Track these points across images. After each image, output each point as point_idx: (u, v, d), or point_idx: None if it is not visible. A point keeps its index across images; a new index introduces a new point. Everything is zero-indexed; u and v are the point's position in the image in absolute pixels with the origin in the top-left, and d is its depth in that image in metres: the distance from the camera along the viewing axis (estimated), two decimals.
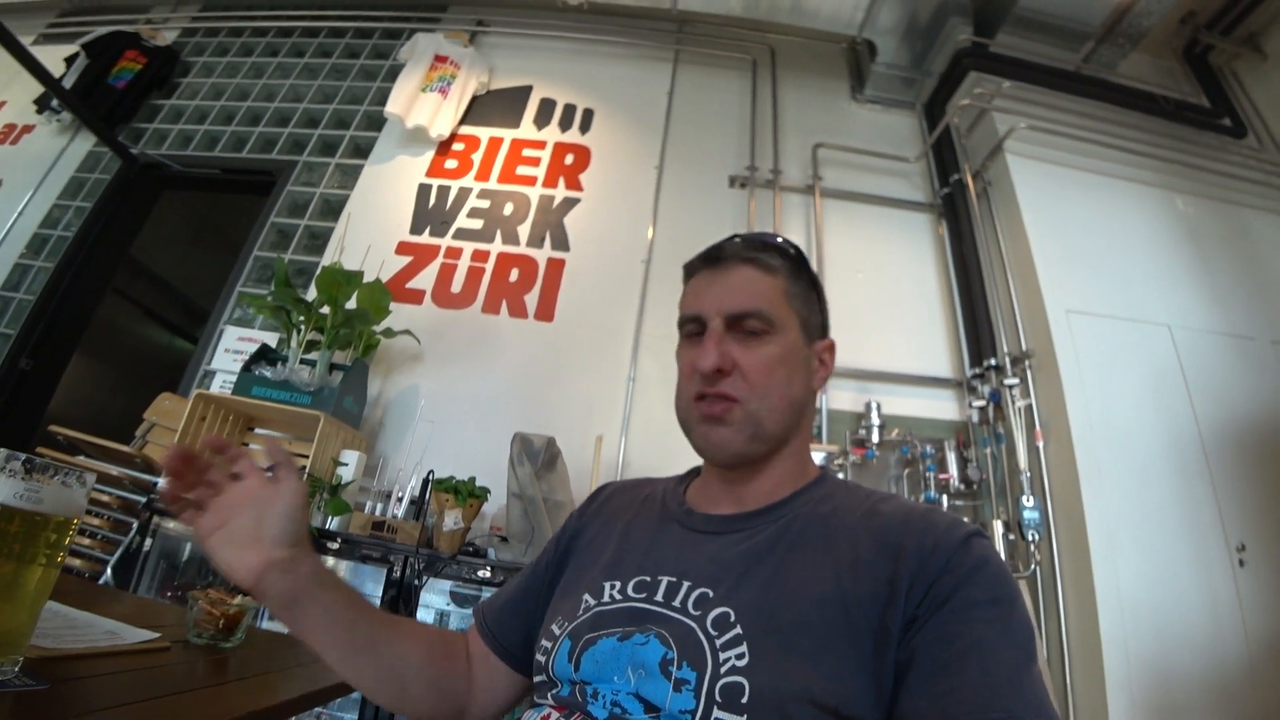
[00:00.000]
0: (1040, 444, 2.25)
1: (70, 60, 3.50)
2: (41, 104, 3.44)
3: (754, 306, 0.71)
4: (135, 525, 2.01)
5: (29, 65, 2.75)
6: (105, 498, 2.16)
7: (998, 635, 0.52)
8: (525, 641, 0.79)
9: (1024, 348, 2.41)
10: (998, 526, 2.16)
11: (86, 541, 2.01)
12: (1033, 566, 2.12)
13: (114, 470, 2.17)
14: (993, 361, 2.42)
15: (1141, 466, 2.17)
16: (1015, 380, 2.33)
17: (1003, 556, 2.12)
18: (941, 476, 2.29)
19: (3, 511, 0.55)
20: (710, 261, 0.76)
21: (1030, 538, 2.11)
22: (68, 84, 3.32)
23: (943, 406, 2.50)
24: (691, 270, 0.79)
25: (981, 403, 2.38)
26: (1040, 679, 0.51)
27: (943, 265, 2.78)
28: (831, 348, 0.78)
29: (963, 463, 2.33)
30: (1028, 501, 2.14)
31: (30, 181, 3.32)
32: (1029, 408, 2.31)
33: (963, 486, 2.30)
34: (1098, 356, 2.30)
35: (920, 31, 3.06)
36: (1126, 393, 2.28)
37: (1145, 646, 1.91)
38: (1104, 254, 2.55)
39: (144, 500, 1.99)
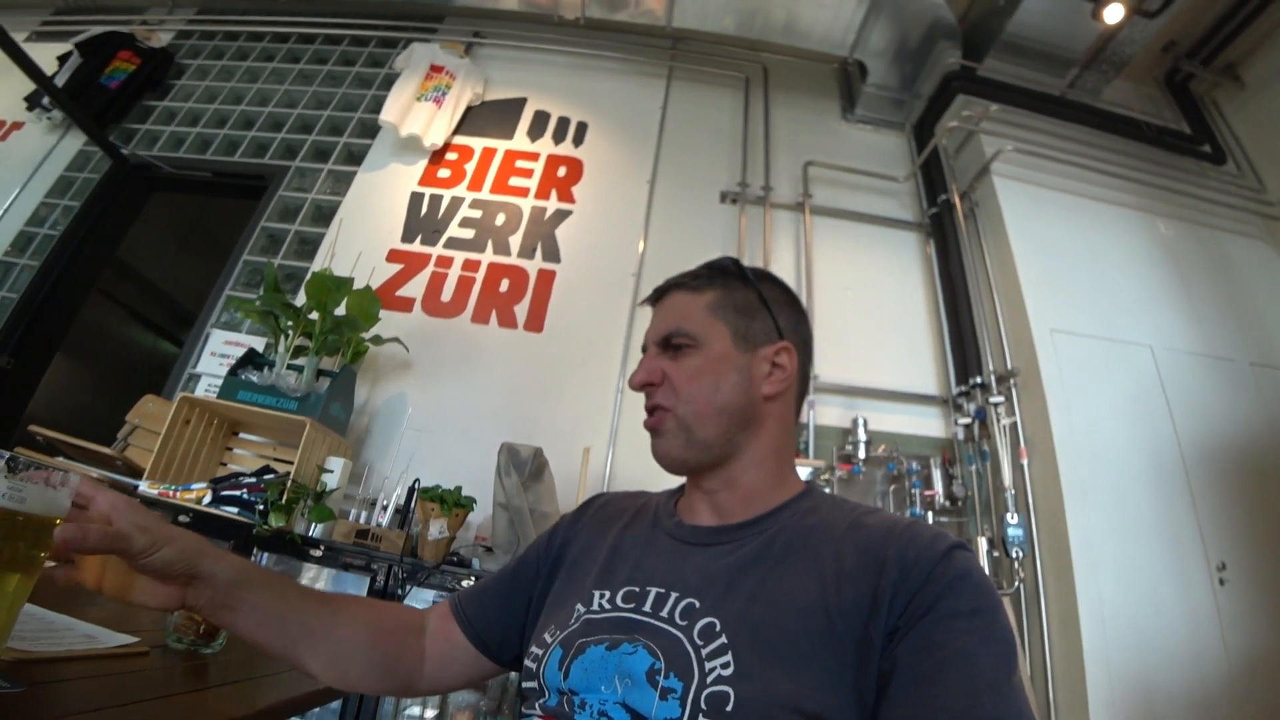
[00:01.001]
0: (1025, 461, 2.28)
1: (63, 59, 3.48)
2: (32, 101, 3.41)
3: (674, 325, 0.76)
4: None
5: (20, 62, 2.73)
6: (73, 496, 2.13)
7: (978, 645, 0.53)
8: (501, 630, 0.81)
9: (1009, 366, 2.44)
10: (982, 543, 2.18)
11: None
12: (1016, 583, 2.14)
13: (94, 472, 2.14)
14: (978, 379, 2.45)
15: (1124, 484, 2.20)
16: (1000, 398, 2.36)
17: (986, 572, 2.15)
18: (927, 493, 2.30)
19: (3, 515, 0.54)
20: (653, 298, 0.83)
21: (1014, 554, 2.13)
22: (60, 82, 3.30)
23: (929, 423, 2.53)
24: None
25: (967, 420, 2.40)
26: (1021, 689, 0.52)
27: (930, 284, 2.82)
28: (787, 349, 0.76)
29: (948, 479, 2.34)
30: (1012, 518, 2.16)
31: (18, 179, 3.29)
32: (1014, 425, 2.33)
33: (948, 503, 2.31)
34: (1081, 375, 2.34)
35: (910, 54, 3.12)
36: (1109, 411, 2.31)
37: (1127, 662, 1.93)
38: (1087, 275, 2.60)
39: None
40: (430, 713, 1.80)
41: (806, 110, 3.34)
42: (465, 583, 1.80)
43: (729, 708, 0.54)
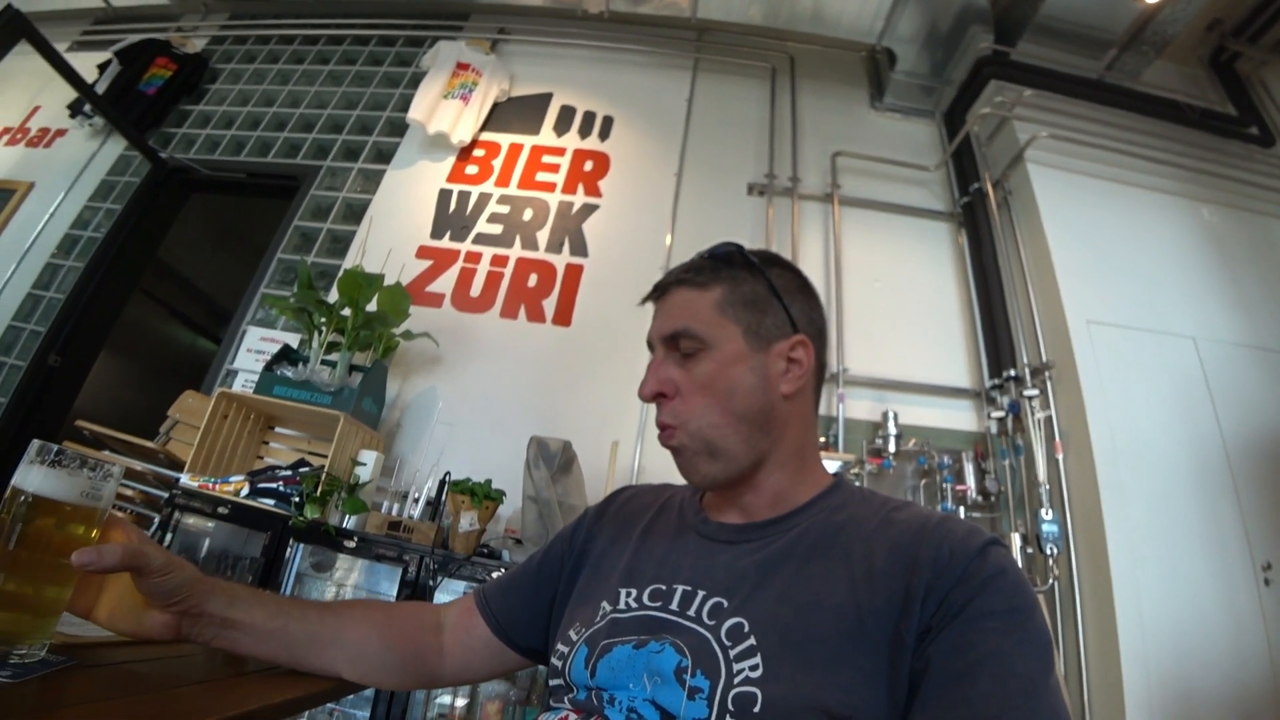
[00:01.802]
0: (1060, 456, 2.23)
1: (103, 67, 3.59)
2: (74, 109, 3.52)
3: (681, 325, 0.71)
4: (157, 519, 2.05)
5: (63, 71, 2.82)
6: (129, 492, 2.21)
7: (1013, 646, 0.51)
8: (525, 625, 0.81)
9: (1044, 359, 2.39)
10: (1015, 539, 2.14)
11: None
12: (1051, 581, 2.09)
13: (138, 465, 2.22)
14: (1012, 372, 2.40)
15: (1164, 481, 2.14)
16: (1035, 391, 2.31)
17: (1021, 570, 2.10)
18: (959, 488, 2.27)
19: (45, 504, 0.56)
20: (656, 292, 0.78)
21: (1049, 551, 2.08)
22: (100, 89, 3.40)
23: (961, 417, 2.48)
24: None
25: (1000, 414, 2.36)
26: (1058, 691, 0.51)
27: (962, 275, 2.76)
28: (803, 343, 0.72)
29: (980, 474, 2.30)
30: (1046, 515, 2.11)
31: (62, 184, 3.41)
32: (1049, 419, 2.28)
33: (980, 498, 2.28)
34: (1120, 368, 2.28)
35: (940, 40, 3.05)
36: (1149, 405, 2.24)
37: (1166, 666, 1.88)
38: (1127, 264, 2.52)
39: (166, 495, 2.03)
40: (461, 701, 1.83)
41: (834, 99, 3.29)
42: (496, 574, 1.82)
43: (756, 709, 0.54)
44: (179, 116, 3.56)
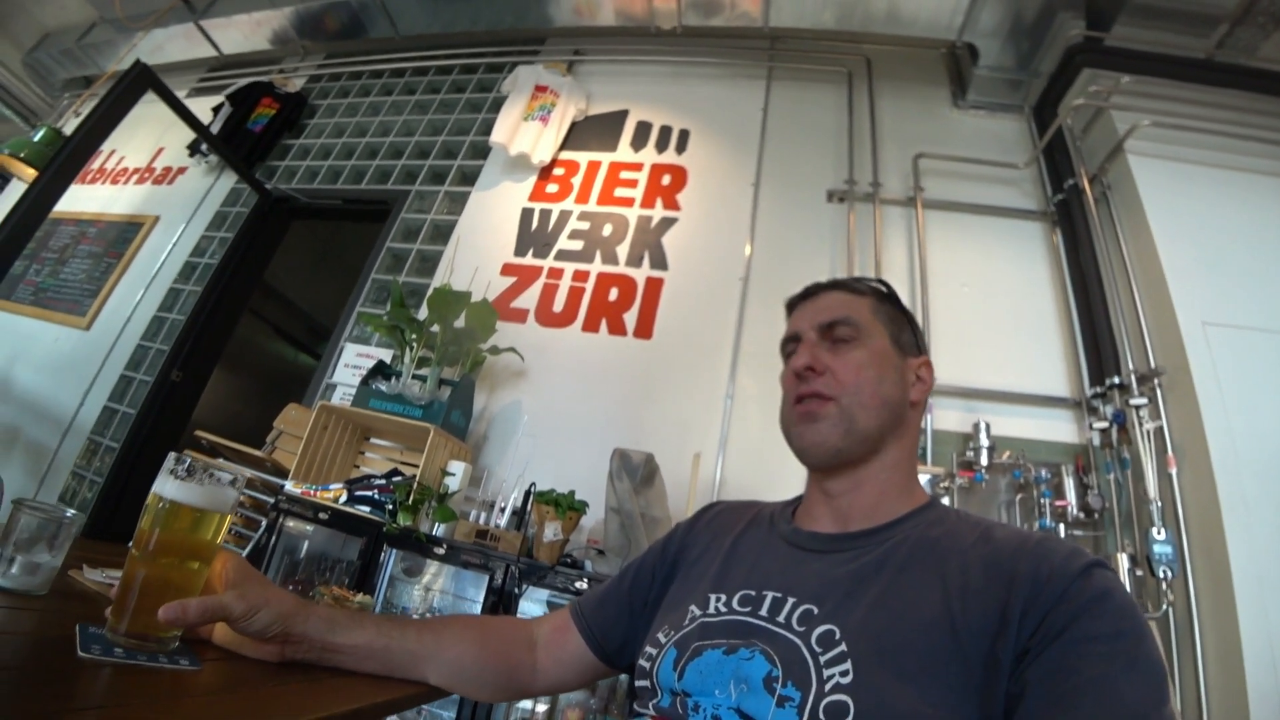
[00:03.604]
0: (1173, 470, 2.05)
1: (216, 109, 3.93)
2: (193, 148, 3.87)
3: (842, 314, 0.79)
4: (264, 523, 2.20)
5: (183, 115, 3.10)
6: (240, 497, 2.39)
7: (1121, 673, 0.49)
8: (620, 637, 0.84)
9: (1153, 365, 2.22)
10: (1123, 560, 1.98)
11: (223, 536, 2.23)
12: (1165, 607, 1.91)
13: (248, 472, 2.39)
14: (1116, 380, 2.24)
15: None
16: (1143, 400, 2.15)
17: (1130, 593, 1.95)
18: (1058, 503, 2.13)
19: (184, 510, 0.63)
20: (805, 295, 0.86)
21: (1161, 574, 1.90)
22: (214, 130, 3.73)
23: (1059, 428, 2.34)
24: (791, 306, 0.87)
25: (1104, 424, 2.20)
26: None
27: (1058, 277, 2.61)
28: (928, 365, 0.81)
29: (1082, 489, 2.15)
30: (1158, 534, 1.94)
31: (182, 216, 3.75)
32: (1159, 430, 2.11)
33: (1082, 515, 2.12)
34: (1241, 374, 2.08)
35: (1026, 30, 2.90)
36: (1276, 413, 2.04)
37: None
38: (1247, 260, 2.30)
39: (273, 500, 2.18)
40: (541, 708, 1.86)
41: (914, 100, 3.19)
42: (579, 584, 1.85)
43: (848, 718, 0.53)
44: (282, 150, 3.84)
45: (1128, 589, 1.92)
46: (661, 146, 3.16)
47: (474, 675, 0.79)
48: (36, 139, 3.13)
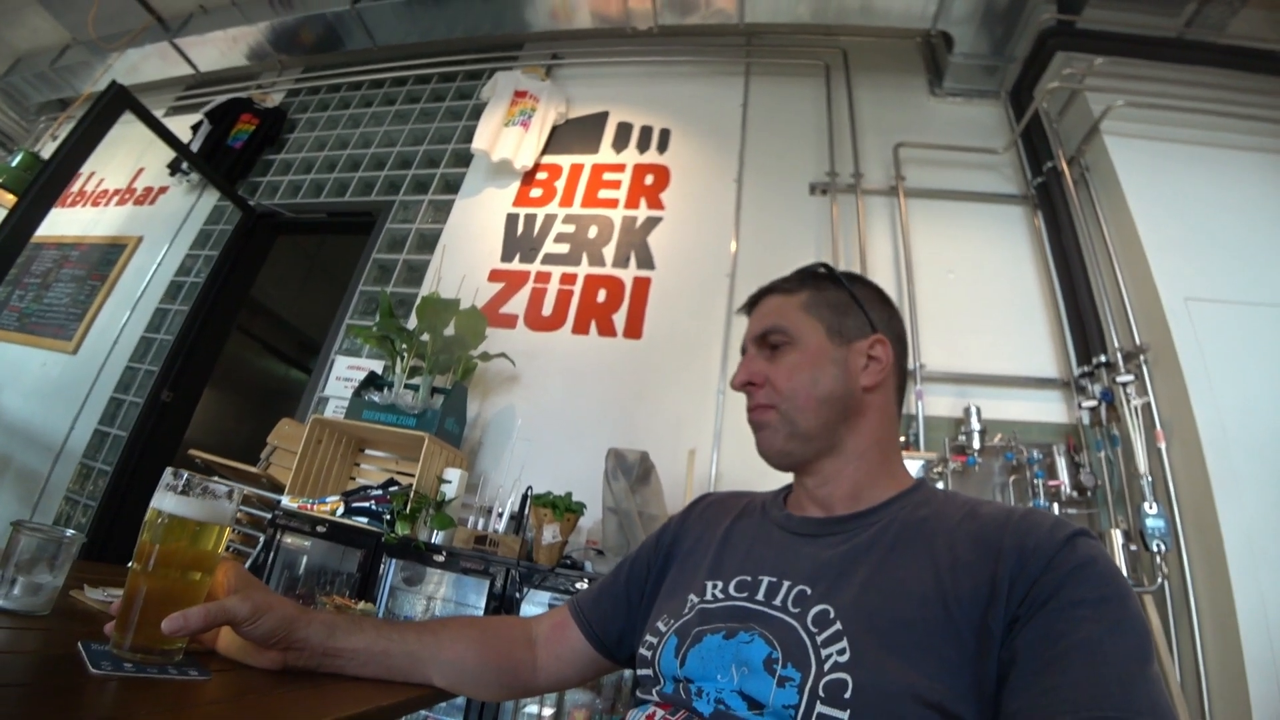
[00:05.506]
0: (1162, 445, 2.08)
1: (195, 127, 3.91)
2: (173, 167, 3.86)
3: (770, 323, 0.81)
4: (262, 539, 2.20)
5: (162, 134, 3.09)
6: (237, 514, 2.38)
7: (1106, 634, 0.50)
8: (618, 630, 0.85)
9: (1138, 342, 2.25)
10: (1117, 535, 2.00)
11: (223, 548, 2.23)
12: (1160, 580, 1.94)
13: (245, 489, 2.39)
14: (1103, 358, 2.26)
15: None
16: (1130, 377, 2.17)
17: (1124, 568, 1.96)
18: (1051, 483, 2.15)
19: (184, 524, 0.63)
20: (749, 305, 0.89)
21: (1155, 548, 1.92)
22: (194, 148, 3.71)
23: (1049, 408, 2.36)
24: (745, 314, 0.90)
25: (1092, 403, 2.23)
26: (1158, 681, 0.49)
27: (1041, 259, 2.64)
28: (881, 342, 0.79)
29: (1074, 468, 2.18)
30: (1150, 509, 1.96)
31: (166, 236, 3.72)
32: (1147, 406, 2.14)
33: (1075, 494, 2.15)
34: (1225, 348, 2.10)
35: (999, 16, 2.93)
36: (1261, 386, 2.06)
37: None
38: (1225, 234, 2.33)
39: (269, 516, 2.18)
40: (548, 711, 1.87)
41: (891, 90, 3.22)
42: (579, 585, 1.86)
43: (847, 695, 0.55)
44: (264, 166, 3.83)
45: (1121, 563, 1.96)
46: (643, 147, 3.18)
47: (475, 675, 0.79)
48: (14, 164, 3.12)
